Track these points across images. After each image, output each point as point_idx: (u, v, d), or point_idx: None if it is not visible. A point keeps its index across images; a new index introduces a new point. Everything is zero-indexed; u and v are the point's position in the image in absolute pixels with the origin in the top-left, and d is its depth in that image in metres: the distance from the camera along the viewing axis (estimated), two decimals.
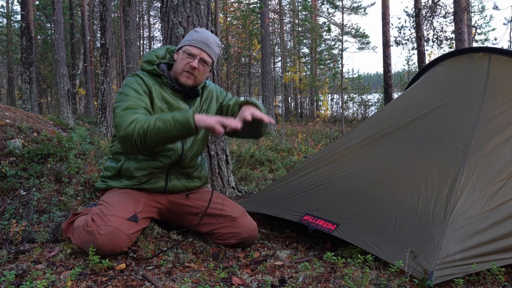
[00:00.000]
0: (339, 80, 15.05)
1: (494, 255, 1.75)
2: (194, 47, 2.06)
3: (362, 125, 2.88)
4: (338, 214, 2.12)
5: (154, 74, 2.11)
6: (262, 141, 8.04)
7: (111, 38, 9.27)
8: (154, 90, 2.07)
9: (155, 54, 2.15)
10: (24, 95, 10.41)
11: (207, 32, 2.13)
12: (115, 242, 1.84)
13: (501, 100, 2.41)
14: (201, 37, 2.09)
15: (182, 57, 2.07)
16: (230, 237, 2.16)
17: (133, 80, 2.06)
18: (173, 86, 2.11)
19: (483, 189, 1.95)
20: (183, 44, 2.10)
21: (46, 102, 24.18)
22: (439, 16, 16.56)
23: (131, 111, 1.91)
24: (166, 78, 2.10)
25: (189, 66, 2.05)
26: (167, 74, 2.11)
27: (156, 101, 2.06)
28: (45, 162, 3.44)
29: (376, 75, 46.54)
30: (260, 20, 12.42)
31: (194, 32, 2.13)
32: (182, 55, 2.08)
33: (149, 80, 2.08)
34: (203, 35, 2.10)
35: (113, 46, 14.91)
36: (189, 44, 2.07)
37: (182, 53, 2.08)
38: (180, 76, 2.08)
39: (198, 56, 2.05)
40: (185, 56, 2.06)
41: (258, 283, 1.69)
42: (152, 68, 2.11)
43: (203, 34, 2.11)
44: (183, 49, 2.08)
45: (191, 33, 2.13)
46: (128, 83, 2.05)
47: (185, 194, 2.24)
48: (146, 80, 2.07)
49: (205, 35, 2.11)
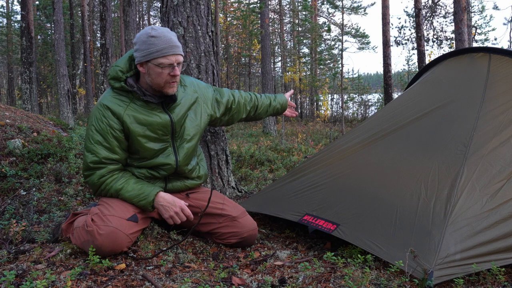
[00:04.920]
0: (339, 80, 15.05)
1: (494, 255, 1.75)
2: (169, 56, 1.92)
3: (362, 125, 2.88)
4: (338, 214, 2.12)
5: (124, 90, 2.00)
6: (262, 141, 8.04)
7: (111, 38, 9.28)
8: (126, 118, 1.96)
9: (119, 70, 1.98)
10: (24, 95, 10.41)
11: (164, 32, 1.94)
12: (115, 242, 1.84)
13: (501, 100, 2.40)
14: (166, 41, 1.91)
15: (158, 71, 1.92)
16: (230, 237, 2.16)
17: (99, 117, 1.97)
18: (146, 100, 2.00)
19: (483, 189, 1.95)
20: (152, 57, 1.91)
21: (46, 102, 24.18)
22: (439, 16, 16.55)
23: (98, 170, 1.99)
24: (137, 93, 1.98)
25: (171, 76, 1.95)
26: (137, 89, 1.98)
27: (133, 128, 1.98)
28: (45, 162, 3.44)
29: (376, 75, 46.53)
30: (260, 20, 12.42)
31: (152, 38, 1.90)
32: (157, 68, 1.92)
33: (118, 108, 1.97)
34: (167, 38, 1.92)
35: (113, 46, 14.91)
36: (161, 56, 1.90)
37: (155, 67, 1.92)
38: (164, 89, 1.97)
39: (175, 63, 1.94)
40: (162, 69, 1.92)
41: (258, 283, 1.69)
42: (119, 86, 1.99)
43: (164, 37, 1.92)
44: (155, 63, 1.91)
45: (151, 41, 1.90)
46: (94, 122, 1.97)
47: (185, 194, 2.24)
48: (115, 110, 1.96)
49: (168, 36, 1.93)
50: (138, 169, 2.10)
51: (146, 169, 2.10)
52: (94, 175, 1.99)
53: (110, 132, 1.96)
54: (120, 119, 1.97)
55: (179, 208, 2.03)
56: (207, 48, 3.03)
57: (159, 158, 2.08)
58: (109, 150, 1.98)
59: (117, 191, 1.99)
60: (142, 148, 2.04)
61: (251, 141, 8.84)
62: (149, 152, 2.06)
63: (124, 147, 2.02)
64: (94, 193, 2.07)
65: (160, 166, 2.09)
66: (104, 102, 1.99)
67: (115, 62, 2.05)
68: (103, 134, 1.97)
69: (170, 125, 2.07)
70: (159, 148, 2.07)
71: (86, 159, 1.99)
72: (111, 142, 1.97)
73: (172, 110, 2.09)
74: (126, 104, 2.00)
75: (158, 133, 2.05)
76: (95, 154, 1.97)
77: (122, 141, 2.00)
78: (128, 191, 1.99)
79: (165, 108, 2.07)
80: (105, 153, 1.97)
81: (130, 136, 2.01)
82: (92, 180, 2.00)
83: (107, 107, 1.98)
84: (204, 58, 3.00)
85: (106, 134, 1.96)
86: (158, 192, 2.03)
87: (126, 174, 2.05)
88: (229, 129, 12.85)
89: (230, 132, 12.26)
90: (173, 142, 2.11)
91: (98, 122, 1.98)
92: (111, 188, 2.00)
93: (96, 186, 2.02)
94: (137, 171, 2.10)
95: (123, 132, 1.99)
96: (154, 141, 2.05)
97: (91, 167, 1.98)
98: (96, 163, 1.98)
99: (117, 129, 1.97)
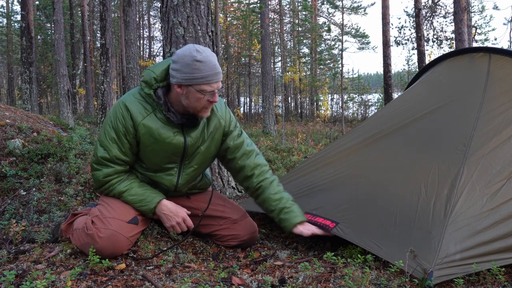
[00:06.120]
0: (339, 80, 15.05)
1: (494, 255, 1.75)
2: (212, 84, 1.85)
3: (362, 125, 2.88)
4: (338, 214, 2.12)
5: (150, 98, 1.96)
6: (262, 141, 8.04)
7: (111, 38, 9.27)
8: (141, 128, 1.93)
9: (154, 77, 1.92)
10: (24, 95, 10.41)
11: (209, 56, 1.85)
12: (115, 245, 1.84)
13: (501, 100, 2.40)
14: (211, 68, 1.83)
15: (198, 97, 1.85)
16: (230, 239, 2.16)
17: (118, 116, 1.95)
18: (167, 118, 1.95)
19: (483, 189, 1.95)
20: (196, 83, 1.83)
21: (46, 102, 24.18)
22: (439, 16, 16.55)
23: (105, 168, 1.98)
24: (161, 107, 1.93)
25: (210, 102, 1.89)
26: (163, 103, 1.93)
27: (144, 139, 1.96)
28: (45, 162, 3.44)
29: (376, 75, 46.52)
30: (260, 20, 12.42)
31: (197, 63, 1.81)
32: (198, 94, 1.84)
33: (138, 114, 1.93)
34: (212, 64, 1.84)
35: (113, 46, 14.90)
36: (205, 83, 1.83)
37: (195, 92, 1.84)
38: (200, 113, 1.93)
39: (216, 90, 1.88)
40: (203, 94, 1.85)
41: (258, 283, 1.69)
42: (149, 93, 1.94)
43: (209, 62, 1.83)
44: (197, 88, 1.83)
45: (196, 65, 1.81)
46: (113, 119, 1.96)
47: (185, 195, 2.24)
48: (134, 115, 1.93)
49: (212, 62, 1.84)
50: (142, 175, 2.09)
51: (148, 178, 2.09)
52: (100, 171, 1.98)
53: (124, 134, 1.95)
54: (136, 125, 1.94)
55: (181, 218, 2.02)
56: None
57: (161, 176, 2.06)
58: (120, 151, 1.97)
59: (120, 193, 1.99)
60: (147, 159, 2.03)
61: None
62: (153, 166, 2.05)
63: (134, 151, 2.02)
64: (96, 188, 2.07)
65: (159, 183, 2.08)
66: (127, 104, 1.95)
67: (151, 66, 1.98)
68: (118, 134, 1.96)
69: (183, 148, 2.01)
70: (165, 165, 2.05)
71: (97, 152, 1.98)
72: (124, 144, 1.97)
73: (189, 133, 2.01)
74: (148, 112, 1.95)
75: (168, 152, 2.00)
76: (107, 151, 1.96)
77: (134, 145, 1.99)
78: (131, 194, 1.99)
79: (183, 129, 2.00)
80: (117, 152, 1.96)
81: (140, 145, 1.99)
82: (97, 176, 1.99)
83: (128, 109, 1.94)
84: None
85: (120, 135, 1.96)
86: (161, 200, 2.02)
87: (131, 177, 2.05)
88: None
89: None
90: (181, 164, 2.07)
91: (116, 120, 1.95)
92: (114, 189, 2.00)
93: (100, 183, 2.01)
94: (141, 176, 2.09)
95: (136, 138, 1.97)
96: (162, 157, 2.02)
97: (101, 162, 1.98)
98: (106, 160, 1.97)
99: (131, 133, 1.96)
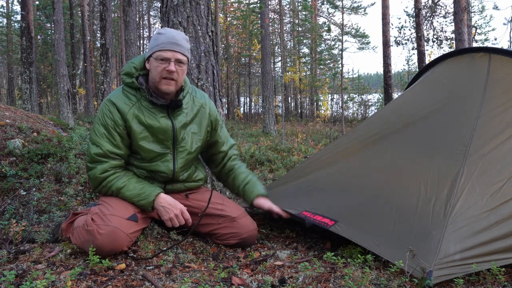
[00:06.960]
0: (339, 80, 15.06)
1: (494, 255, 1.75)
2: (166, 51, 1.99)
3: (362, 125, 2.88)
4: (337, 212, 2.12)
5: (134, 87, 2.07)
6: (262, 141, 8.04)
7: (111, 38, 9.28)
8: (130, 117, 2.02)
9: (134, 66, 2.07)
10: (24, 95, 10.42)
11: (172, 31, 2.06)
12: (115, 242, 1.84)
13: (501, 100, 2.40)
14: (168, 38, 2.01)
15: (156, 65, 2.00)
16: (230, 237, 2.16)
17: (105, 112, 2.04)
18: (151, 100, 2.04)
19: (483, 189, 1.95)
20: (153, 51, 2.01)
21: (46, 102, 24.19)
22: (439, 16, 16.55)
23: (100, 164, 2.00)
24: (145, 92, 2.04)
25: (166, 71, 1.99)
26: (145, 87, 2.05)
27: (134, 128, 2.03)
28: (45, 162, 3.44)
29: (376, 75, 46.53)
30: (260, 20, 12.42)
31: (158, 35, 2.04)
32: (155, 62, 2.00)
33: (124, 105, 2.03)
34: (170, 35, 2.02)
35: (113, 46, 14.91)
36: (159, 50, 1.99)
37: (154, 61, 2.01)
38: (159, 84, 2.02)
39: (172, 59, 1.99)
40: (159, 62, 1.99)
41: (258, 283, 1.69)
42: (131, 81, 2.06)
43: (169, 34, 2.03)
44: (154, 56, 2.01)
45: (156, 37, 2.04)
46: (101, 116, 2.04)
47: (184, 194, 2.24)
48: (121, 107, 2.03)
49: (171, 34, 2.03)
50: (138, 168, 2.12)
51: (145, 170, 2.12)
52: (96, 169, 2.01)
53: (114, 127, 2.02)
54: (124, 116, 2.03)
55: (179, 211, 2.04)
56: (207, 48, 3.03)
57: (158, 164, 2.09)
58: (112, 144, 2.02)
59: (118, 189, 2.00)
60: (141, 149, 2.06)
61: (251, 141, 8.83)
62: (148, 154, 2.07)
63: (126, 144, 2.06)
64: (95, 188, 2.08)
65: (157, 172, 2.11)
66: (111, 98, 2.06)
67: (131, 59, 2.14)
68: (108, 129, 2.02)
69: (172, 131, 2.08)
70: (159, 151, 2.08)
71: (90, 150, 2.03)
72: (115, 137, 2.02)
73: (175, 116, 2.11)
74: (133, 102, 2.05)
75: (159, 137, 2.07)
76: (100, 147, 2.01)
77: (125, 137, 2.04)
78: (129, 189, 2.01)
79: (169, 113, 2.09)
80: (109, 146, 2.01)
81: (131, 135, 2.04)
82: (94, 173, 2.02)
83: (114, 103, 2.04)
84: (204, 58, 3.00)
85: (110, 129, 2.01)
86: (159, 193, 2.04)
87: (128, 173, 2.08)
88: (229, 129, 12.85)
89: (230, 132, 12.26)
90: (174, 150, 2.12)
91: (104, 116, 2.03)
92: (112, 186, 2.01)
93: (97, 181, 2.02)
94: (138, 170, 2.12)
95: (126, 129, 2.04)
96: (154, 143, 2.07)
97: (95, 159, 2.01)
98: (100, 156, 2.00)
99: (120, 125, 2.02)
